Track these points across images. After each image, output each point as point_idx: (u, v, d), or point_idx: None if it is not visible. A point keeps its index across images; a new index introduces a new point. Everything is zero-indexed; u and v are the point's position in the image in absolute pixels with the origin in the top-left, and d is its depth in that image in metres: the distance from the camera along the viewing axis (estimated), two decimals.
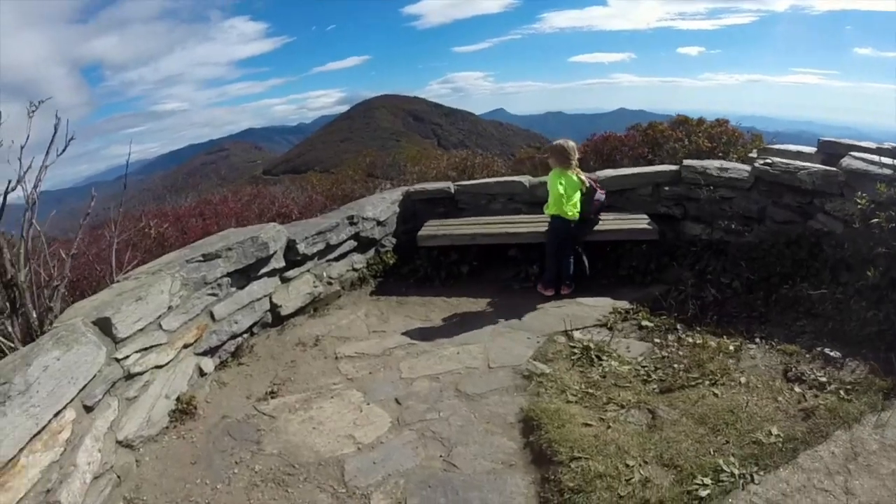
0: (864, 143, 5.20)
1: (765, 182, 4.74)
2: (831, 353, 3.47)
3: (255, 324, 4.20)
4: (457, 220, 5.72)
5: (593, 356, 3.79)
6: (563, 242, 4.82)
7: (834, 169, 4.33)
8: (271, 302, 4.35)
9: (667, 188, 5.38)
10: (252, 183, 13.58)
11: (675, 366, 3.56)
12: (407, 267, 5.52)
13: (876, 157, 4.06)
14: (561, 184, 4.64)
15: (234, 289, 4.02)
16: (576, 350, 3.90)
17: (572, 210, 4.67)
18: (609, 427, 2.93)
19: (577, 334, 4.18)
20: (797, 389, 3.16)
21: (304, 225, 4.82)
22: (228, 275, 3.92)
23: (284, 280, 4.52)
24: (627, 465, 2.60)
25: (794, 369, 3.36)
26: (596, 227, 5.01)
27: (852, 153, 4.36)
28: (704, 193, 5.11)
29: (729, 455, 2.62)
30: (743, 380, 3.30)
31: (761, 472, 2.51)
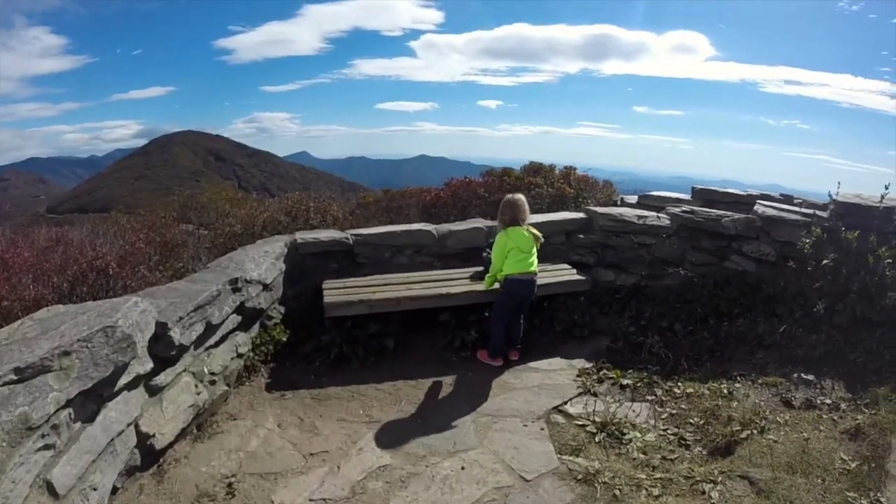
0: (730, 190, 5.91)
1: (686, 228, 4.88)
2: (806, 377, 3.68)
3: (118, 474, 2.34)
4: (364, 280, 4.47)
5: (614, 432, 3.19)
6: (519, 306, 4.08)
7: (753, 216, 4.68)
8: (139, 431, 2.53)
9: (581, 236, 5.16)
10: (34, 223, 9.60)
11: (692, 421, 3.36)
12: (309, 345, 4.02)
13: (785, 206, 4.63)
14: (512, 241, 3.98)
15: (79, 423, 2.16)
16: (590, 430, 3.24)
17: (529, 266, 3.98)
18: None
19: (570, 409, 3.49)
20: (824, 416, 3.28)
21: (170, 293, 3.04)
22: (69, 402, 2.08)
23: (153, 390, 2.71)
24: None
25: (793, 398, 3.50)
26: None
27: (760, 202, 4.85)
28: (625, 241, 5.02)
29: (841, 491, 2.62)
30: (780, 420, 3.27)
31: (878, 493, 2.57)
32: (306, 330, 4.15)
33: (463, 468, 2.82)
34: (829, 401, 3.43)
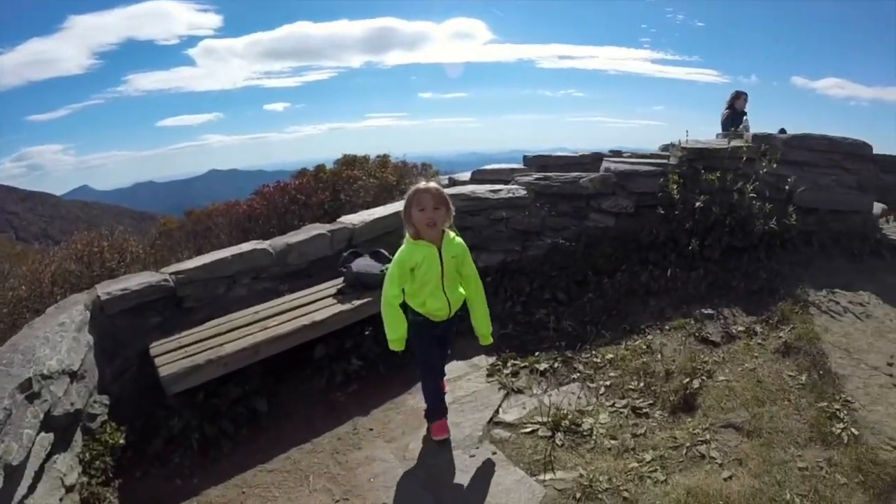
0: (562, 154, 6.22)
1: (544, 195, 4.77)
2: (706, 311, 3.91)
3: None
4: (201, 330, 3.35)
5: (570, 427, 2.93)
6: None
7: (608, 173, 4.80)
8: None
9: None
10: None
11: (632, 387, 3.25)
12: (158, 439, 2.87)
13: (633, 159, 5.07)
14: None
15: None
16: (544, 434, 2.89)
17: None
18: (741, 463, 2.55)
19: (507, 418, 3.10)
20: (750, 343, 3.52)
21: None
22: None
23: None
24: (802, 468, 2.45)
25: (708, 334, 3.66)
26: None
27: (607, 159, 5.13)
28: (481, 219, 4.77)
29: (811, 405, 2.83)
30: (716, 358, 3.39)
31: (842, 394, 2.87)
32: (147, 418, 2.99)
33: None
34: (741, 328, 3.68)
